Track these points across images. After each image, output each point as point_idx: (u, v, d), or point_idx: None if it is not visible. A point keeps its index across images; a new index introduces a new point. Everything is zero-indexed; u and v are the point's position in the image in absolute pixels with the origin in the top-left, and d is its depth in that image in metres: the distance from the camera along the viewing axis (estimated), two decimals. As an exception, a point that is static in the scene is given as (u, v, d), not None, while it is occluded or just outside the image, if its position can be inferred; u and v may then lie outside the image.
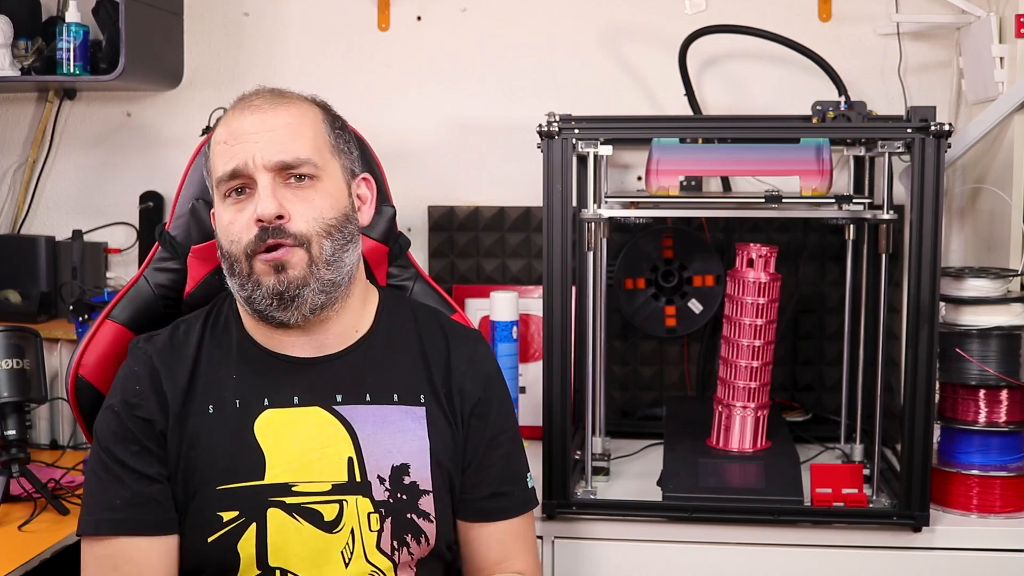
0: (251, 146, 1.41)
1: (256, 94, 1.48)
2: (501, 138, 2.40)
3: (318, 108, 1.50)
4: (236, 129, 1.43)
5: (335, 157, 1.48)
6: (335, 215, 1.45)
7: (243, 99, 1.48)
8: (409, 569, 1.47)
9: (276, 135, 1.42)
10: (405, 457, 1.47)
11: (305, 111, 1.47)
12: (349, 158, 1.51)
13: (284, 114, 1.45)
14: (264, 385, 1.47)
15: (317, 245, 1.42)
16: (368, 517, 1.43)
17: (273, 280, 1.41)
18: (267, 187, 1.40)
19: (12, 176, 2.55)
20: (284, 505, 1.41)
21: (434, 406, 1.51)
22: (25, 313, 2.39)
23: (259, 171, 1.41)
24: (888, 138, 1.82)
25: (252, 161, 1.41)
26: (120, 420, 1.44)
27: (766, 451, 1.95)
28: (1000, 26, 2.09)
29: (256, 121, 1.43)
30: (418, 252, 2.19)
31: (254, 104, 1.45)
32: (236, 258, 1.43)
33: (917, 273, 1.77)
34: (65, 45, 2.26)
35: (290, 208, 1.41)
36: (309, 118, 1.47)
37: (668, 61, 2.30)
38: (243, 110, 1.45)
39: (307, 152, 1.43)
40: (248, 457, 1.43)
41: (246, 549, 1.40)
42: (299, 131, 1.44)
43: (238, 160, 1.41)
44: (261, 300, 1.42)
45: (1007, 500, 1.86)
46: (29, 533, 1.82)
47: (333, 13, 2.44)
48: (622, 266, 2.30)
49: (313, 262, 1.42)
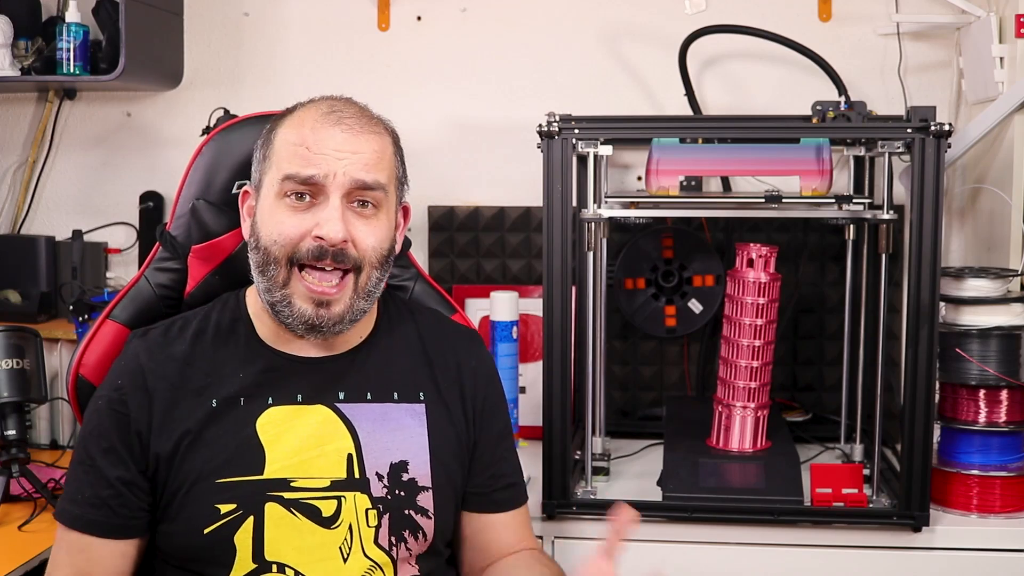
0: (335, 162, 1.41)
1: (346, 106, 1.47)
2: (501, 138, 2.40)
3: (392, 138, 1.51)
4: (324, 138, 1.42)
5: (397, 191, 1.50)
6: (388, 246, 1.47)
7: (330, 107, 1.46)
8: (409, 565, 1.47)
9: (363, 158, 1.42)
10: (404, 454, 1.48)
11: (387, 141, 1.49)
12: (403, 189, 1.53)
13: (375, 141, 1.45)
14: (269, 383, 1.48)
15: (367, 274, 1.44)
16: (366, 513, 1.44)
17: (312, 311, 1.42)
18: (337, 208, 1.40)
19: (12, 176, 2.55)
20: (282, 500, 1.42)
21: (435, 403, 1.52)
22: (25, 313, 2.39)
23: (335, 189, 1.41)
24: (888, 138, 1.82)
25: (333, 177, 1.40)
26: (100, 416, 1.45)
27: (766, 451, 1.95)
28: (1000, 26, 2.09)
29: (346, 139, 1.42)
30: (418, 252, 2.19)
31: (346, 122, 1.44)
32: (276, 260, 1.42)
33: (917, 273, 1.77)
34: (65, 45, 2.26)
35: (353, 233, 1.42)
36: (390, 148, 1.48)
37: (668, 61, 2.30)
38: (333, 124, 1.43)
39: (384, 180, 1.45)
40: (248, 452, 1.43)
41: (243, 542, 1.41)
42: (381, 161, 1.45)
43: (318, 170, 1.40)
44: (288, 317, 1.44)
45: (1007, 500, 1.86)
46: (29, 533, 1.83)
47: (333, 13, 2.44)
48: (622, 266, 2.30)
49: (357, 292, 1.44)
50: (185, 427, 1.44)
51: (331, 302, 1.42)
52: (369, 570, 1.43)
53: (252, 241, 1.46)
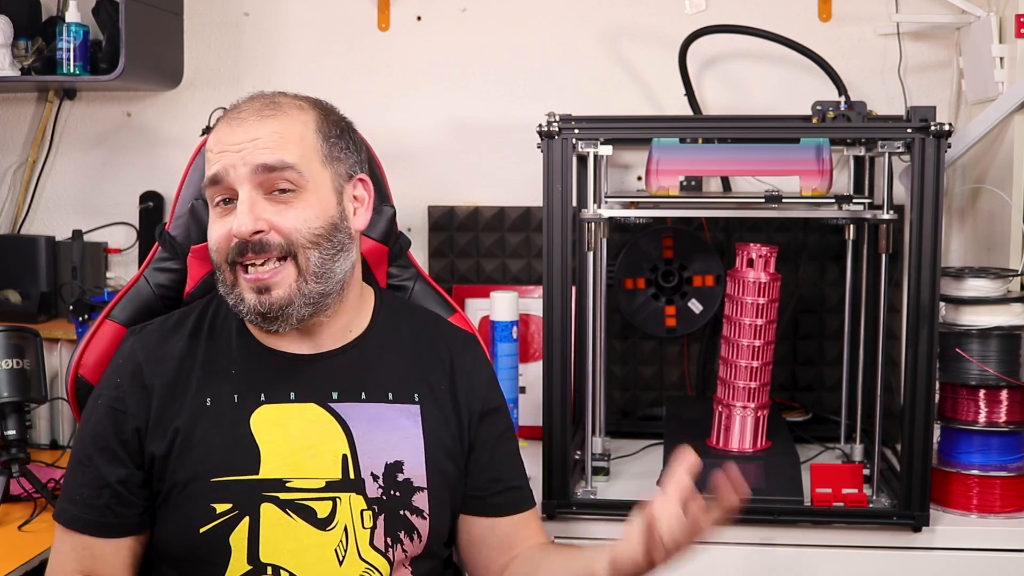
0: (233, 155, 1.41)
1: (248, 101, 1.47)
2: (501, 138, 2.40)
3: (313, 114, 1.47)
4: (223, 137, 1.43)
5: (326, 167, 1.46)
6: (321, 224, 1.43)
7: (234, 108, 1.47)
8: (404, 568, 1.46)
9: (260, 143, 1.41)
10: (399, 454, 1.47)
11: (295, 120, 1.45)
12: (344, 164, 1.48)
13: (273, 123, 1.43)
14: (261, 381, 1.47)
15: (304, 256, 1.42)
16: (361, 514, 1.43)
17: (255, 300, 1.42)
18: (245, 202, 1.40)
19: (12, 176, 2.55)
20: (278, 500, 1.41)
21: (431, 405, 1.51)
22: (25, 313, 2.39)
23: (240, 182, 1.40)
24: (888, 138, 1.82)
25: (233, 169, 1.41)
26: (98, 414, 1.45)
27: (766, 451, 1.95)
28: (1000, 26, 2.09)
29: (243, 131, 1.42)
30: (418, 252, 2.19)
31: (242, 115, 1.44)
32: (219, 266, 1.45)
33: (917, 273, 1.77)
34: (65, 45, 2.26)
35: (272, 219, 1.40)
36: (298, 128, 1.44)
37: (668, 61, 2.30)
38: (231, 120, 1.44)
39: (292, 159, 1.41)
40: (243, 451, 1.43)
41: (238, 542, 1.40)
42: (285, 141, 1.42)
43: (219, 167, 1.42)
44: (246, 313, 1.44)
45: (1007, 500, 1.86)
46: (29, 533, 1.83)
47: (333, 13, 2.44)
48: (622, 266, 2.30)
49: (301, 275, 1.42)
50: (178, 424, 1.43)
51: (270, 287, 1.41)
52: (365, 573, 1.43)
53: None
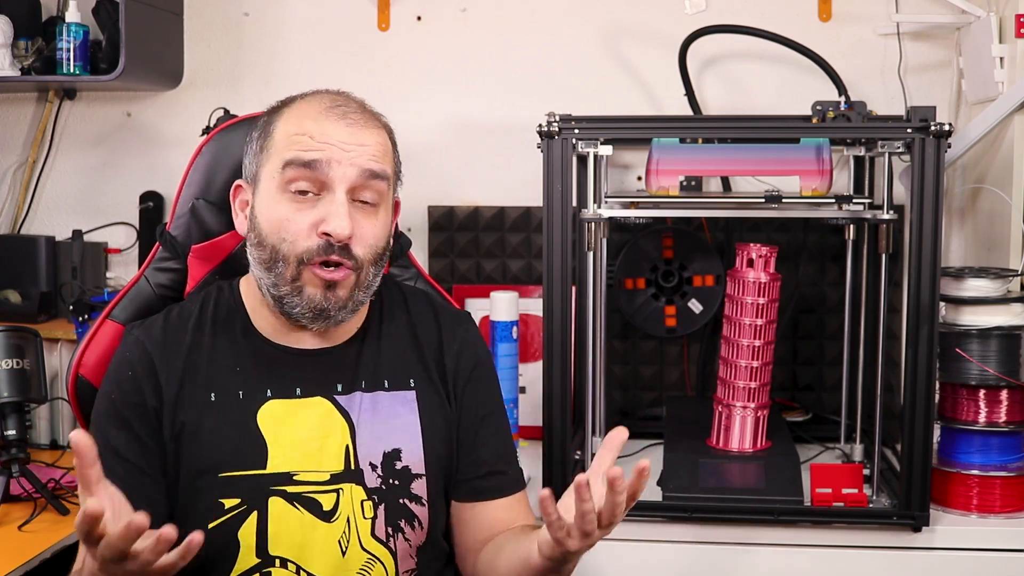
0: (340, 152, 1.41)
1: (347, 100, 1.47)
2: (501, 138, 2.40)
3: (388, 133, 1.51)
4: (328, 130, 1.42)
5: (391, 187, 1.49)
6: (384, 243, 1.47)
7: (332, 101, 1.46)
8: (410, 559, 1.47)
9: (369, 151, 1.43)
10: (397, 442, 1.48)
11: (387, 136, 1.49)
12: (398, 186, 1.53)
13: (378, 135, 1.46)
14: (268, 376, 1.48)
15: (366, 271, 1.44)
16: (362, 505, 1.44)
17: (320, 296, 1.42)
18: (344, 203, 1.40)
19: (12, 176, 2.55)
20: (285, 494, 1.42)
21: (425, 388, 1.52)
22: (25, 313, 2.39)
23: (340, 182, 1.40)
24: (888, 138, 1.82)
25: (338, 166, 1.40)
26: (115, 407, 1.45)
27: (766, 451, 1.95)
28: (1000, 26, 2.09)
29: (351, 132, 1.42)
30: (418, 252, 2.19)
31: (351, 116, 1.44)
32: (285, 258, 1.41)
33: (917, 273, 1.77)
34: (65, 45, 2.26)
35: (356, 229, 1.42)
36: (389, 143, 1.49)
37: (668, 61, 2.30)
38: (338, 117, 1.43)
39: (390, 172, 1.46)
40: (251, 446, 1.43)
41: (246, 537, 1.41)
42: (384, 153, 1.46)
43: (322, 155, 1.40)
44: (297, 306, 1.43)
45: (1007, 500, 1.86)
46: (29, 533, 1.83)
47: (333, 13, 2.44)
48: (622, 266, 2.30)
49: (358, 286, 1.44)
50: (184, 418, 1.44)
51: (338, 285, 1.42)
52: (367, 563, 1.43)
53: (253, 237, 1.45)
